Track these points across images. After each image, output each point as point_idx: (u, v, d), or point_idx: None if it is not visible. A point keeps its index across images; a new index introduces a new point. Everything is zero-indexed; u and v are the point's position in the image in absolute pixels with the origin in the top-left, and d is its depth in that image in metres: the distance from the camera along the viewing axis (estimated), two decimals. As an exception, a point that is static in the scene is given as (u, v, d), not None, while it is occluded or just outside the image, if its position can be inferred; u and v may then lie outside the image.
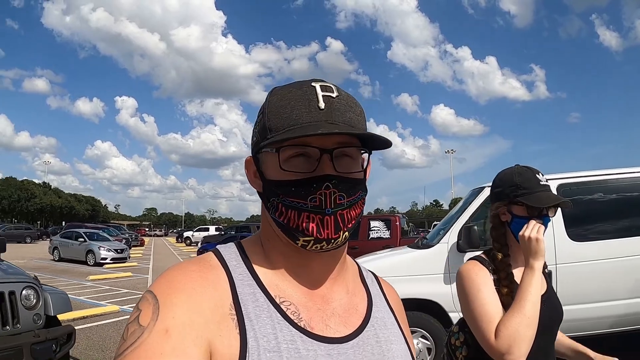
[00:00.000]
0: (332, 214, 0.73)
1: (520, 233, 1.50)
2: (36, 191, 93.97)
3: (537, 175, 1.56)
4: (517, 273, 1.53)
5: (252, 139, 0.83)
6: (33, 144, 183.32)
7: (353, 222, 0.77)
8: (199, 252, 22.47)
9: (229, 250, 0.81)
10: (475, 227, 4.79)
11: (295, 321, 0.74)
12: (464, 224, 4.93)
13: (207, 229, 43.76)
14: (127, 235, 33.38)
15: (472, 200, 5.22)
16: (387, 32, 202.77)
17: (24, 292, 4.24)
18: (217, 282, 0.73)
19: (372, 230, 12.37)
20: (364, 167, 0.80)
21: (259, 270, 0.78)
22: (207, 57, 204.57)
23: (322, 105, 0.74)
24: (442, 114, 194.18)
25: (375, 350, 0.79)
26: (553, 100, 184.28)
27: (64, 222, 67.99)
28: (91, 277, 15.19)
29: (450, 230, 5.05)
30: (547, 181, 1.56)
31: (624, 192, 5.04)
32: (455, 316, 4.72)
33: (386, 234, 12.30)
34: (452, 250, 4.90)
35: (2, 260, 5.14)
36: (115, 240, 24.85)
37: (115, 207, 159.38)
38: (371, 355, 0.78)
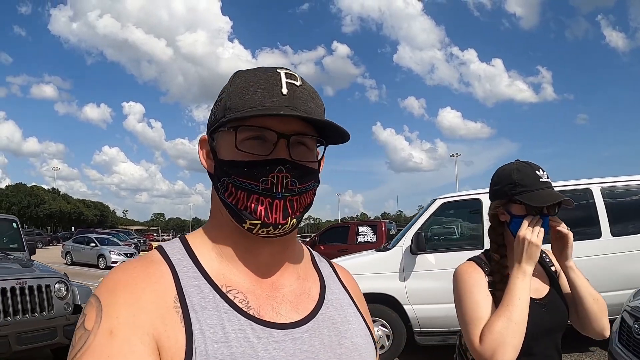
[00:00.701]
0: (282, 199, 0.73)
1: (519, 232, 1.42)
2: (45, 197, 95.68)
3: (537, 171, 1.47)
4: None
5: (209, 119, 0.83)
6: (41, 150, 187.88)
7: (302, 210, 0.77)
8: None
9: (173, 245, 0.80)
10: (423, 234, 5.87)
11: (244, 309, 0.72)
12: (416, 231, 5.98)
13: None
14: (135, 240, 34.57)
15: (425, 211, 6.28)
16: (393, 35, 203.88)
17: (56, 285, 5.40)
18: (159, 277, 0.72)
19: (360, 235, 13.56)
20: (319, 158, 0.81)
21: (204, 261, 0.77)
22: (213, 63, 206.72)
23: (284, 91, 0.74)
24: (449, 117, 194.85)
25: (332, 332, 0.78)
26: (560, 102, 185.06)
27: (73, 228, 69.37)
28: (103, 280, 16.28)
29: (405, 236, 6.11)
30: (548, 177, 1.48)
31: None
32: (409, 308, 5.80)
33: (373, 239, 13.37)
34: (406, 252, 5.93)
35: (34, 261, 6.29)
36: (125, 245, 26.11)
37: (123, 213, 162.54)
38: (328, 338, 0.77)
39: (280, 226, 0.74)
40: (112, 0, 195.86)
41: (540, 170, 1.48)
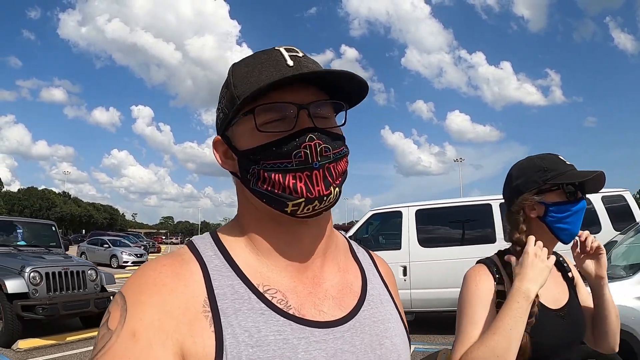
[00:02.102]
0: (320, 168, 0.69)
1: (527, 248, 1.28)
2: (56, 200, 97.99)
3: (559, 156, 1.41)
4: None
5: (217, 120, 0.81)
6: (51, 153, 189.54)
7: (341, 178, 0.74)
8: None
9: (204, 241, 0.77)
10: (353, 238, 7.88)
11: (284, 309, 0.69)
12: (349, 235, 7.78)
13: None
14: (144, 242, 37.06)
15: (359, 220, 8.35)
16: (401, 39, 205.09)
17: (89, 271, 7.69)
18: (189, 278, 0.69)
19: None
20: (343, 124, 0.78)
21: (239, 259, 0.73)
22: (222, 66, 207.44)
23: (290, 62, 0.72)
24: (458, 120, 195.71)
25: (373, 331, 0.76)
26: (569, 104, 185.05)
27: (84, 231, 71.99)
28: (116, 277, 18.52)
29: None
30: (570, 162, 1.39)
31: (457, 214, 8.04)
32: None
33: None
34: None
35: (70, 255, 8.54)
36: (135, 246, 28.51)
37: (132, 216, 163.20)
38: (369, 337, 0.75)
39: (325, 197, 0.70)
40: (120, 5, 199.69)
41: (561, 156, 1.42)
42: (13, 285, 6.80)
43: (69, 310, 7.24)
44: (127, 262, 23.56)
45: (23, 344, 6.86)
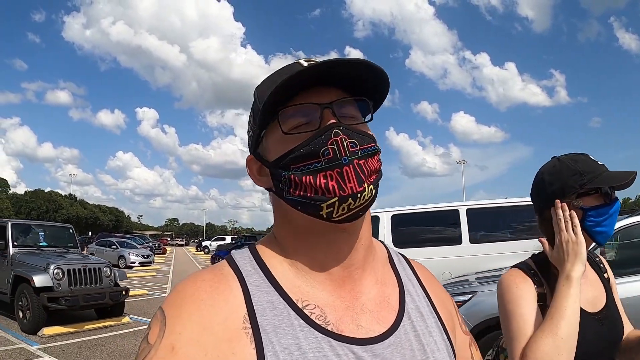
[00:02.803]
0: (349, 163, 0.68)
1: (558, 232, 1.30)
2: (63, 202, 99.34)
3: (590, 157, 1.37)
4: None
5: (248, 140, 0.82)
6: (56, 155, 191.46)
7: (374, 176, 0.72)
8: (212, 258, 27.20)
9: (243, 256, 0.77)
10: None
11: (322, 325, 0.69)
12: None
13: (224, 239, 48.53)
14: (150, 244, 38.31)
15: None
16: (405, 40, 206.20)
17: (104, 268, 8.86)
18: (229, 293, 0.69)
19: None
20: (369, 121, 0.77)
21: (277, 273, 0.73)
22: (226, 68, 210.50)
23: (305, 64, 0.73)
24: (463, 121, 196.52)
25: (414, 346, 0.75)
26: (574, 105, 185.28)
27: (90, 232, 73.18)
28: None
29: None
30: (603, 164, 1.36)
31: (429, 219, 9.04)
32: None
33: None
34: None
35: (87, 254, 9.68)
36: (142, 248, 29.73)
37: (138, 218, 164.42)
38: (410, 352, 0.73)
39: (359, 195, 0.68)
40: (124, 7, 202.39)
41: (590, 155, 1.37)
42: (40, 280, 7.95)
43: (88, 301, 8.47)
44: (134, 262, 24.80)
45: (47, 331, 7.98)
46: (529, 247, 6.36)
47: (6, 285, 8.56)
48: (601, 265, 1.49)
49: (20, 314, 8.22)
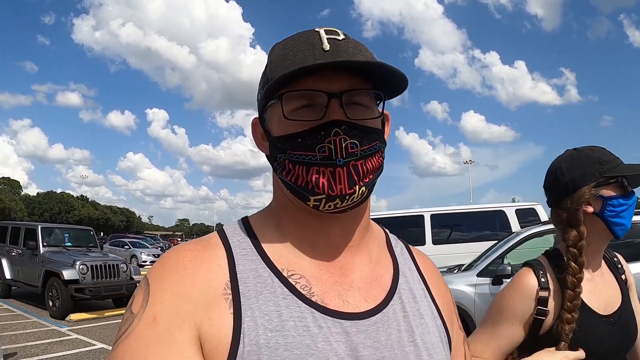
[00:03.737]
0: (344, 165, 0.68)
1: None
2: (75, 204, 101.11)
3: (606, 149, 1.34)
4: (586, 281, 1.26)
5: (257, 100, 0.80)
6: (67, 156, 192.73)
7: (371, 176, 0.71)
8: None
9: (233, 227, 0.78)
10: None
11: (306, 295, 0.70)
12: None
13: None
14: (161, 244, 40.23)
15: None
16: (414, 39, 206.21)
17: (121, 265, 10.60)
18: (212, 262, 0.70)
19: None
20: (381, 115, 0.75)
21: (266, 244, 0.75)
22: (236, 69, 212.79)
23: (326, 46, 0.70)
24: (473, 120, 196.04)
25: (401, 327, 0.74)
26: (584, 103, 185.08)
27: (102, 233, 75.04)
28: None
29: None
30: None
31: (398, 222, 10.35)
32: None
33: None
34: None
35: (106, 253, 11.39)
36: (153, 247, 31.52)
37: (148, 218, 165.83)
38: (396, 332, 0.73)
39: (347, 197, 0.68)
40: (133, 9, 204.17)
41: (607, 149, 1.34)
42: (68, 274, 9.65)
43: (108, 292, 10.27)
44: (145, 261, 26.66)
45: (74, 316, 9.66)
46: (483, 248, 7.72)
47: (37, 280, 10.25)
48: (619, 265, 1.43)
49: (50, 303, 9.89)
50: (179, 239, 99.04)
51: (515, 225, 9.18)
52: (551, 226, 6.30)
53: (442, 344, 0.79)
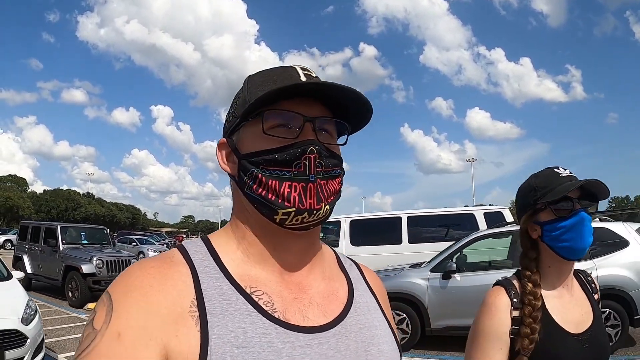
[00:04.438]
0: (314, 181, 0.74)
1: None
2: (81, 201, 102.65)
3: (555, 170, 1.38)
4: (549, 297, 1.34)
5: (225, 123, 0.86)
6: (72, 153, 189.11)
7: (332, 198, 0.77)
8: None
9: (195, 245, 0.80)
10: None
11: (269, 312, 0.72)
12: None
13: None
14: (167, 240, 41.82)
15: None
16: (419, 36, 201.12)
17: (132, 260, 12.03)
18: (177, 279, 0.71)
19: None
20: (345, 143, 0.83)
21: (228, 261, 0.77)
22: (241, 66, 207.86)
23: (303, 79, 0.78)
24: (478, 117, 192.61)
25: (358, 337, 0.78)
26: (590, 101, 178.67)
27: (108, 230, 75.97)
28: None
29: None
30: (571, 173, 1.36)
31: (378, 223, 11.70)
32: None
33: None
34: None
35: (119, 250, 12.81)
36: (159, 244, 33.00)
37: (154, 215, 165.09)
38: (355, 343, 0.77)
39: (315, 212, 0.73)
40: (138, 6, 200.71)
41: (561, 168, 1.38)
42: (86, 268, 11.05)
43: None
44: (152, 257, 28.01)
45: (91, 305, 10.93)
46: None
47: (57, 273, 11.64)
48: (592, 285, 1.47)
49: (70, 294, 11.28)
50: (184, 236, 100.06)
51: (483, 227, 10.10)
52: (497, 230, 7.72)
53: (395, 353, 0.83)
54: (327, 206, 0.76)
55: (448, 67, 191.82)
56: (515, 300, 1.34)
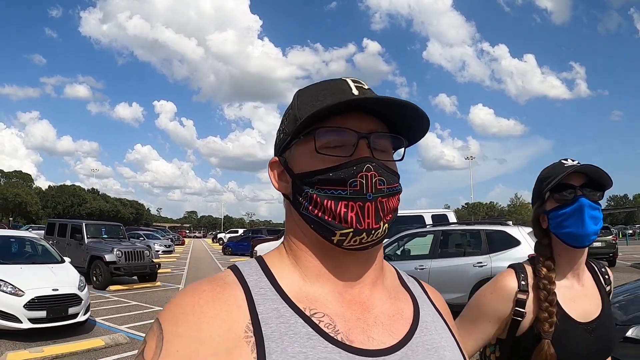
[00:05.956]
0: (373, 200, 0.71)
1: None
2: (86, 197, 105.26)
3: (562, 161, 1.42)
4: (559, 285, 1.39)
5: (276, 141, 0.84)
6: (75, 149, 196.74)
7: (391, 215, 0.75)
8: (223, 248, 33.51)
9: (249, 265, 0.78)
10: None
11: (331, 334, 0.69)
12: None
13: (237, 231, 54.14)
14: (170, 235, 44.86)
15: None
16: (423, 32, 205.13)
17: (145, 251, 14.99)
18: (231, 303, 0.69)
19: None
20: (401, 159, 0.80)
21: (284, 283, 0.74)
22: (244, 61, 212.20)
23: (355, 92, 0.76)
24: (481, 114, 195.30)
25: (427, 359, 0.75)
26: (594, 98, 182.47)
27: (123, 226, 78.23)
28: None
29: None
30: (578, 164, 1.38)
31: None
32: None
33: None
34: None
35: (134, 242, 15.63)
36: (164, 239, 35.83)
37: (157, 210, 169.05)
38: None
39: (373, 231, 0.71)
40: (140, 1, 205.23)
41: (569, 159, 1.41)
42: (109, 257, 13.86)
43: (136, 270, 14.66)
44: (158, 250, 30.70)
45: (112, 287, 13.79)
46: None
47: (83, 262, 14.32)
48: (606, 277, 1.50)
49: (94, 278, 14.01)
50: (187, 231, 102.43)
51: (430, 226, 12.08)
52: (424, 229, 10.45)
53: None
54: (386, 225, 0.73)
55: (452, 63, 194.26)
56: (523, 283, 1.39)
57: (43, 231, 15.48)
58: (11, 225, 51.28)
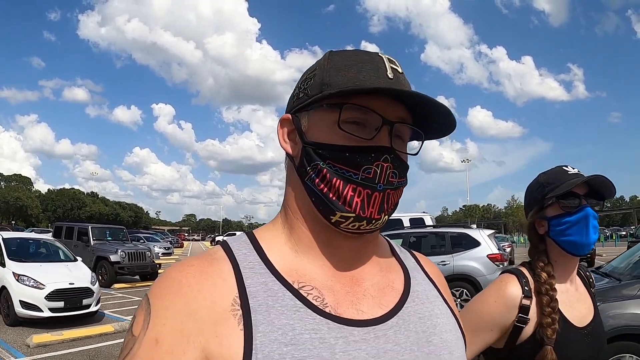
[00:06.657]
0: (382, 191, 0.71)
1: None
2: (86, 200, 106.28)
3: (563, 167, 1.42)
4: (557, 291, 1.36)
5: (292, 97, 0.80)
6: (74, 152, 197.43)
7: (393, 207, 0.75)
8: (220, 250, 34.08)
9: (238, 240, 0.77)
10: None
11: (319, 307, 0.69)
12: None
13: (234, 234, 54.98)
14: (169, 238, 46.17)
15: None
16: (421, 34, 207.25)
17: (146, 252, 16.37)
18: (218, 276, 0.69)
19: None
20: (417, 154, 0.79)
21: (274, 256, 0.74)
22: (242, 64, 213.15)
23: (390, 74, 0.73)
24: (480, 116, 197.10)
25: (419, 328, 0.75)
26: (592, 100, 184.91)
27: (125, 229, 79.02)
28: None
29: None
30: (578, 172, 1.39)
31: None
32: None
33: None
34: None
35: (136, 244, 16.94)
36: (163, 242, 37.15)
37: (156, 214, 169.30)
38: (415, 334, 0.74)
39: (374, 221, 0.71)
40: (139, 5, 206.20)
41: (569, 166, 1.42)
42: (114, 258, 15.16)
43: (139, 270, 16.00)
44: (157, 253, 31.89)
45: (116, 285, 15.09)
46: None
47: (89, 262, 15.42)
48: (590, 280, 1.52)
49: (100, 277, 15.06)
50: (186, 234, 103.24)
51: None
52: (398, 231, 11.74)
53: (459, 341, 0.80)
54: (386, 217, 0.73)
55: (450, 65, 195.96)
56: (526, 288, 1.36)
57: (44, 234, 16.64)
58: (13, 228, 52.29)
